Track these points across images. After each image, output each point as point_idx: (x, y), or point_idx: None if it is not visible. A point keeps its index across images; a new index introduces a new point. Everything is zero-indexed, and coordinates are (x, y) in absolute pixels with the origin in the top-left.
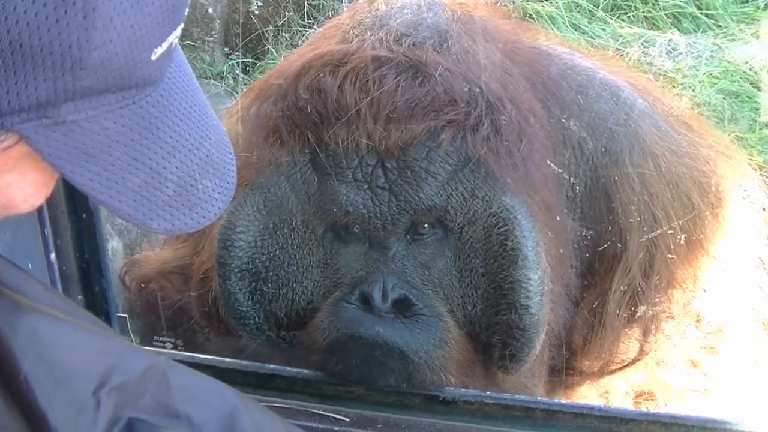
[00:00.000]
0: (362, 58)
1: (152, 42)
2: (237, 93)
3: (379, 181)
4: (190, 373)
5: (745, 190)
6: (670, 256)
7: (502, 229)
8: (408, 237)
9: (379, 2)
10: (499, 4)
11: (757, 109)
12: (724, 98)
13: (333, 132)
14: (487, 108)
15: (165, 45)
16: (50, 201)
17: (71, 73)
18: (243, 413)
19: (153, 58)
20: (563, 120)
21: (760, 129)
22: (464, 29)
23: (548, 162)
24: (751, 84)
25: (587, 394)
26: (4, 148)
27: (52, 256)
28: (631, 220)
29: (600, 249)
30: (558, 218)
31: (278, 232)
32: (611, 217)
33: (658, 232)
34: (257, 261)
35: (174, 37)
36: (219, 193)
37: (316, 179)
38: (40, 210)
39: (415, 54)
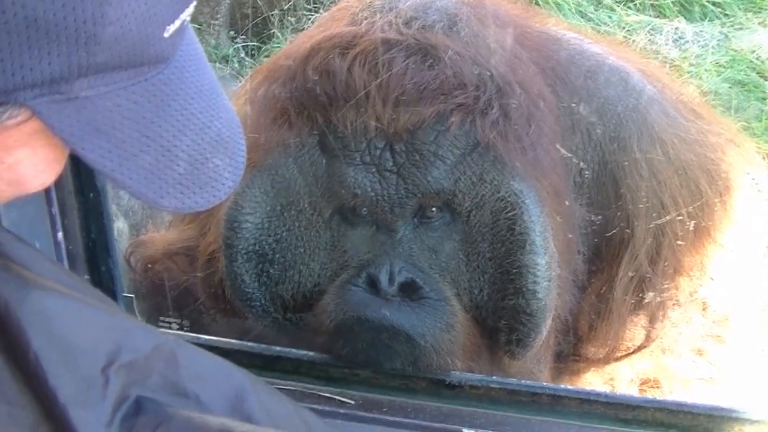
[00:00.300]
0: (371, 40)
1: (166, 19)
2: (242, 76)
3: (387, 164)
4: (198, 352)
5: (753, 178)
6: (677, 243)
7: (510, 214)
8: (415, 220)
9: None
10: None
11: (764, 99)
12: (730, 87)
13: (341, 114)
14: (496, 92)
15: (178, 22)
16: (57, 180)
17: (85, 48)
18: (251, 393)
19: (166, 35)
20: (572, 105)
21: (767, 118)
22: (473, 13)
23: (557, 147)
24: (757, 73)
25: (592, 381)
26: (17, 124)
27: (60, 235)
28: (639, 207)
29: (607, 235)
30: (566, 203)
31: (285, 214)
32: (619, 203)
33: (666, 218)
34: (264, 243)
35: (187, 15)
36: (229, 172)
37: (324, 161)
38: (47, 189)
39: (424, 37)
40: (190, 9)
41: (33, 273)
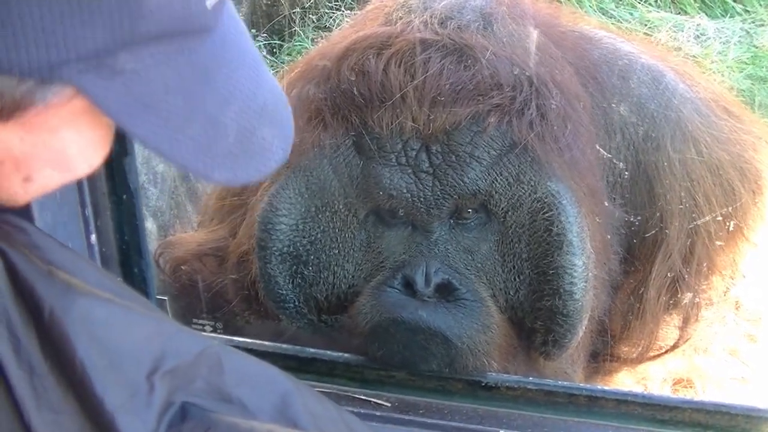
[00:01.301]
0: (407, 40)
1: None
2: None
3: (423, 165)
4: (242, 357)
5: None
6: (711, 242)
7: (547, 215)
8: (451, 221)
9: None
10: None
11: None
12: (752, 83)
13: (377, 115)
14: (533, 92)
15: None
16: (91, 182)
17: (129, 17)
18: (296, 397)
19: (208, 4)
20: (605, 105)
21: None
22: (508, 12)
23: (594, 147)
24: None
25: (625, 381)
26: (61, 103)
27: (93, 237)
28: (673, 206)
29: (642, 235)
30: (603, 204)
31: (320, 216)
32: (653, 203)
33: (700, 218)
34: (298, 244)
35: None
36: (278, 142)
37: (359, 162)
38: (81, 191)
39: (460, 37)
40: None
41: (77, 279)
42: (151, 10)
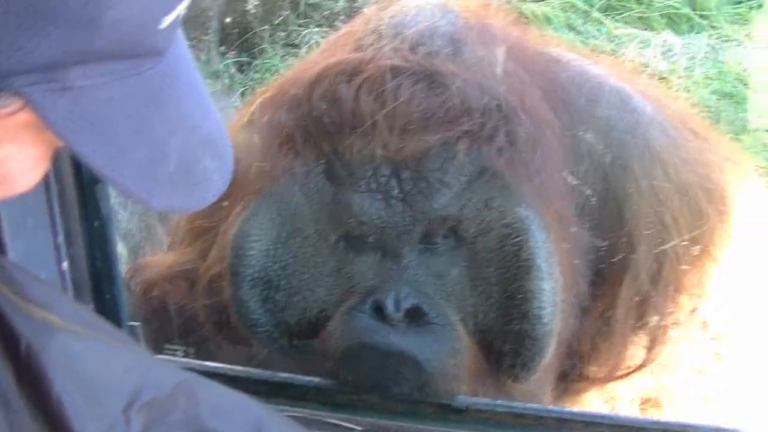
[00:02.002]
0: (378, 67)
1: (164, 8)
2: (232, 92)
3: (393, 191)
4: (216, 388)
5: (752, 196)
6: (678, 264)
7: (516, 240)
8: (421, 246)
9: (392, 10)
10: (496, 3)
11: (751, 111)
12: (718, 99)
13: (348, 142)
14: (502, 118)
15: (174, 14)
16: (63, 209)
17: (85, 31)
18: (269, 426)
19: (162, 26)
20: (574, 128)
21: (755, 131)
22: (478, 37)
23: (562, 172)
24: (745, 85)
25: (593, 401)
26: (8, 114)
27: (65, 264)
28: (641, 229)
29: (610, 257)
30: (571, 228)
31: (291, 241)
32: (621, 226)
33: (669, 241)
34: (270, 269)
35: (182, 8)
36: (219, 174)
37: (330, 189)
38: (53, 218)
39: (430, 63)
40: (186, 2)
41: (54, 314)
42: (107, 25)
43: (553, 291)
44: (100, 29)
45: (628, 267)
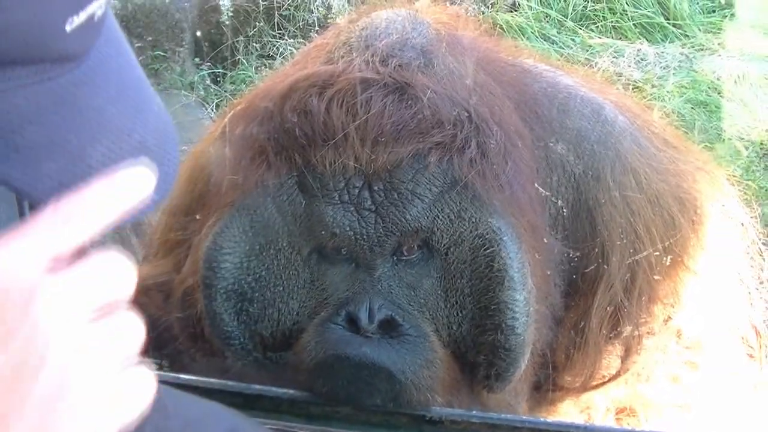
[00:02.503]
0: (349, 79)
1: (65, 10)
2: (207, 104)
3: (365, 203)
4: (188, 399)
5: (724, 205)
6: (651, 273)
7: (488, 251)
8: (394, 258)
9: (363, 22)
10: (468, 14)
11: (725, 120)
12: (692, 108)
13: (320, 154)
14: (473, 130)
15: (83, 15)
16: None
17: None
18: None
19: (68, 28)
20: (546, 139)
21: (728, 139)
22: (449, 49)
23: (534, 183)
24: (718, 94)
25: (569, 411)
26: None
27: None
28: (614, 238)
29: (584, 268)
30: (544, 239)
31: (264, 254)
32: (595, 236)
33: (640, 249)
34: (243, 282)
35: (95, 8)
36: (157, 183)
37: (302, 201)
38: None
39: (401, 75)
40: (100, 2)
41: None
42: None
43: (526, 301)
44: None
45: (601, 277)
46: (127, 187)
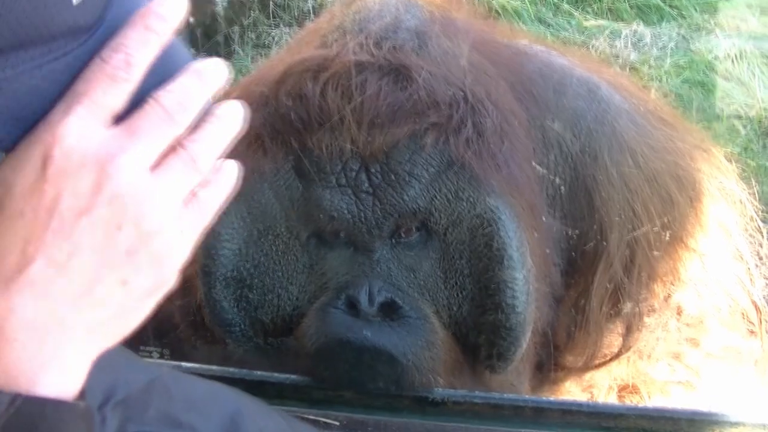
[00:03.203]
0: (343, 63)
1: None
2: None
3: (363, 185)
4: (189, 381)
5: (721, 182)
6: (650, 251)
7: (486, 230)
8: (393, 240)
9: (356, 6)
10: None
11: (723, 99)
12: (690, 88)
13: (316, 138)
14: (469, 110)
15: None
16: None
17: None
18: (244, 416)
19: (74, 1)
20: (542, 119)
21: (726, 118)
22: (443, 30)
23: (531, 163)
24: (716, 73)
25: (571, 389)
26: None
27: None
28: (612, 217)
29: (583, 247)
30: (542, 218)
31: (263, 240)
32: (593, 215)
33: (639, 227)
34: (242, 269)
35: None
36: None
37: (299, 186)
38: None
39: (395, 57)
40: None
41: None
42: None
43: (525, 280)
44: None
45: (600, 255)
46: (159, 26)
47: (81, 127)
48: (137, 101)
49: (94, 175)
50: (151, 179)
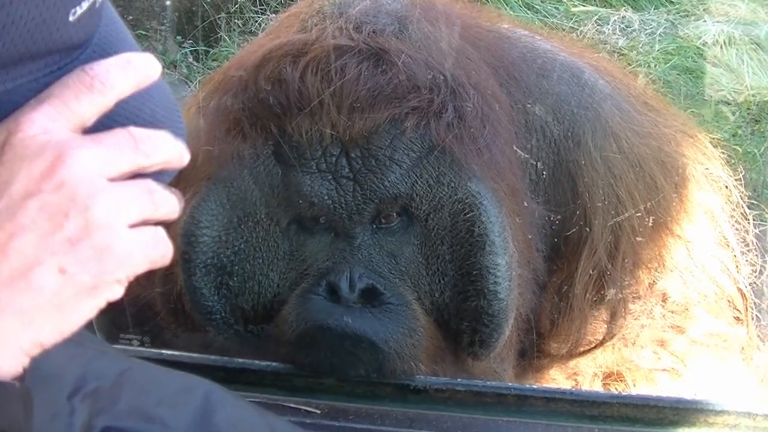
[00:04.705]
0: (323, 47)
1: (69, 2)
2: (190, 82)
3: (343, 170)
4: (162, 373)
5: (707, 168)
6: (634, 237)
7: (468, 215)
8: (374, 226)
9: None
10: None
11: (712, 85)
12: (678, 74)
13: (296, 123)
14: (450, 94)
15: (86, 4)
16: None
17: None
18: (217, 410)
19: (71, 19)
20: (525, 104)
21: (715, 104)
22: (424, 15)
23: (513, 147)
24: (704, 59)
25: (556, 377)
26: None
27: None
28: (596, 203)
29: (566, 233)
30: (524, 203)
31: (242, 226)
32: (576, 200)
33: (623, 213)
34: (222, 255)
35: None
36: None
37: (279, 171)
38: None
39: (375, 41)
40: None
41: None
42: None
43: (508, 266)
44: None
45: (584, 241)
46: (141, 66)
47: (46, 122)
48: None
49: (49, 161)
50: (105, 182)
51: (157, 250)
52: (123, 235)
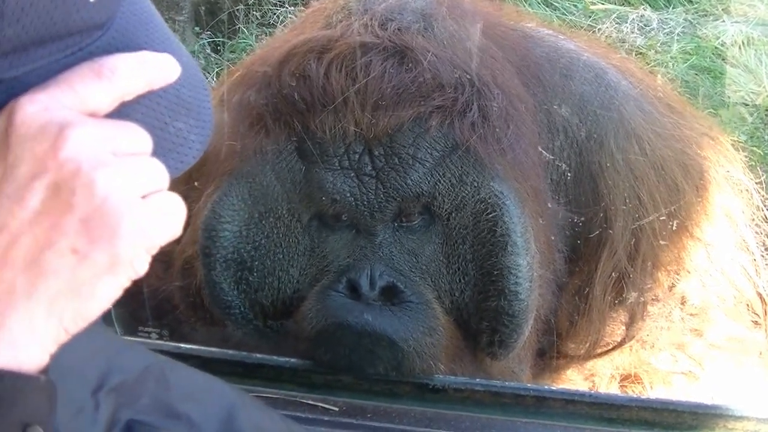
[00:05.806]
0: (348, 44)
1: None
2: (208, 73)
3: (366, 168)
4: (187, 371)
5: (728, 171)
6: (655, 239)
7: (490, 215)
8: (395, 224)
9: None
10: None
11: (730, 86)
12: (696, 74)
13: (319, 120)
14: (475, 93)
15: None
16: None
17: None
18: (241, 410)
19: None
20: (548, 104)
21: (733, 105)
22: (449, 13)
23: (536, 147)
24: (723, 60)
25: (573, 378)
26: None
27: None
28: (617, 204)
29: (587, 234)
30: (547, 204)
31: (263, 221)
32: (597, 201)
33: (644, 215)
34: (242, 250)
35: None
36: (195, 134)
37: (302, 167)
38: None
39: (401, 39)
40: None
41: None
42: (11, 12)
43: (529, 267)
44: (4, 17)
45: (605, 243)
46: (155, 64)
47: (47, 99)
48: None
49: (52, 138)
50: (110, 156)
51: (172, 220)
52: (133, 208)
